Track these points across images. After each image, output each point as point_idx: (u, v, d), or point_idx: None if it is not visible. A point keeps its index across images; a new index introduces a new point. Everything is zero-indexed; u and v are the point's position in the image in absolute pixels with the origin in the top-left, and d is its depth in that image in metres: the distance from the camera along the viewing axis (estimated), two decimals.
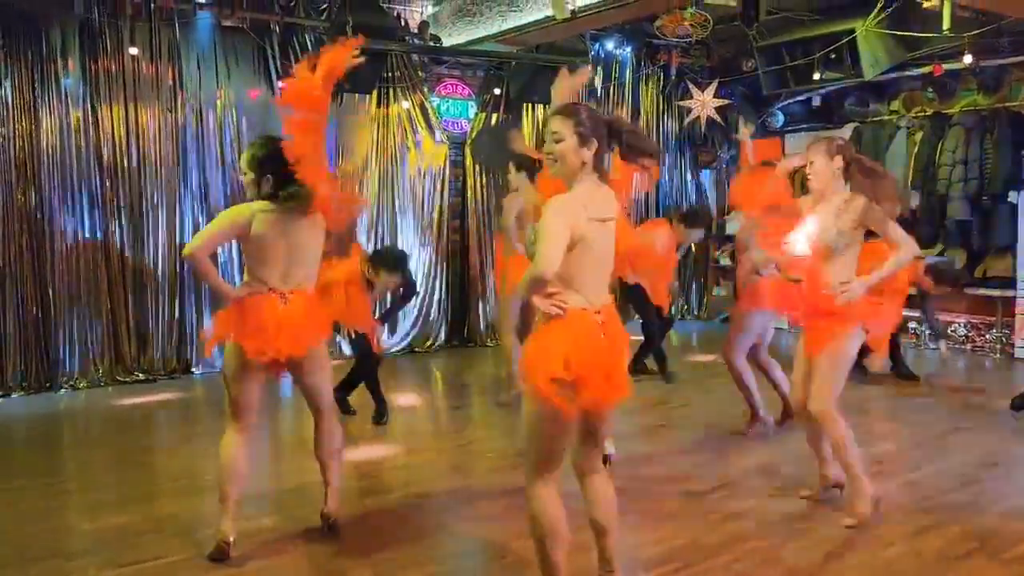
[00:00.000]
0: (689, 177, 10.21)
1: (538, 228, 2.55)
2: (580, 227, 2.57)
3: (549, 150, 2.66)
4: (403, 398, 6.36)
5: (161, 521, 3.89)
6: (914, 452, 4.84)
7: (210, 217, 7.14)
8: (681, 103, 9.73)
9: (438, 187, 8.39)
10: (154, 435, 5.70)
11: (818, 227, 3.72)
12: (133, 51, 6.71)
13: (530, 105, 8.80)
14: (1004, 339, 7.75)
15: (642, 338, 6.76)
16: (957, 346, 8.08)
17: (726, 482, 4.31)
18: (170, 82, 6.96)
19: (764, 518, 3.82)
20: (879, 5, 7.15)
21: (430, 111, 8.29)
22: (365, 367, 5.64)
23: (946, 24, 6.80)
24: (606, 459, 4.40)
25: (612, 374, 2.63)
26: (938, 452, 4.82)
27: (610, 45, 9.33)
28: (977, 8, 6.65)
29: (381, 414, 5.61)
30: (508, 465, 4.59)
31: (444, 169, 8.41)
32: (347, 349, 7.06)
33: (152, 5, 6.75)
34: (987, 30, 7.12)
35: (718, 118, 9.56)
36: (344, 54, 3.30)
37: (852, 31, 7.39)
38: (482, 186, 8.64)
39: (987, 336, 7.91)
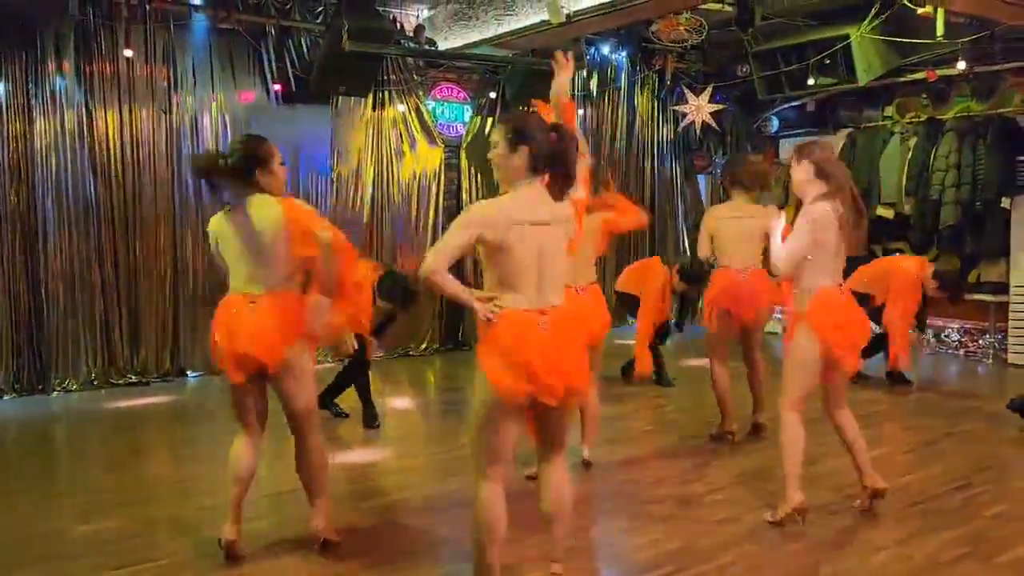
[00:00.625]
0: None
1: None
2: (496, 232, 2.63)
3: (490, 156, 2.78)
4: (397, 401, 6.36)
5: (154, 524, 3.89)
6: (906, 456, 4.85)
7: (204, 219, 7.14)
8: (676, 108, 9.75)
9: (433, 190, 8.40)
10: (147, 438, 5.69)
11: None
12: (128, 53, 6.71)
13: (526, 109, 8.81)
14: (997, 344, 7.78)
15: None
16: (950, 351, 8.11)
17: (718, 486, 4.31)
18: (165, 84, 6.96)
19: (756, 522, 3.81)
20: (873, 11, 7.18)
21: (425, 114, 8.30)
22: (354, 372, 5.62)
23: (940, 30, 6.84)
24: (587, 465, 4.44)
25: (559, 370, 2.67)
26: (930, 457, 4.83)
27: (606, 49, 9.36)
28: (970, 15, 6.69)
29: (372, 417, 5.59)
30: None
31: (439, 172, 8.42)
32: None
33: (147, 7, 6.75)
34: (980, 36, 7.16)
35: (713, 123, 9.58)
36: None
37: (846, 37, 7.42)
38: (477, 189, 8.65)
39: (980, 342, 7.94)
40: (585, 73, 9.16)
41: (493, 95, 8.63)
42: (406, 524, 3.91)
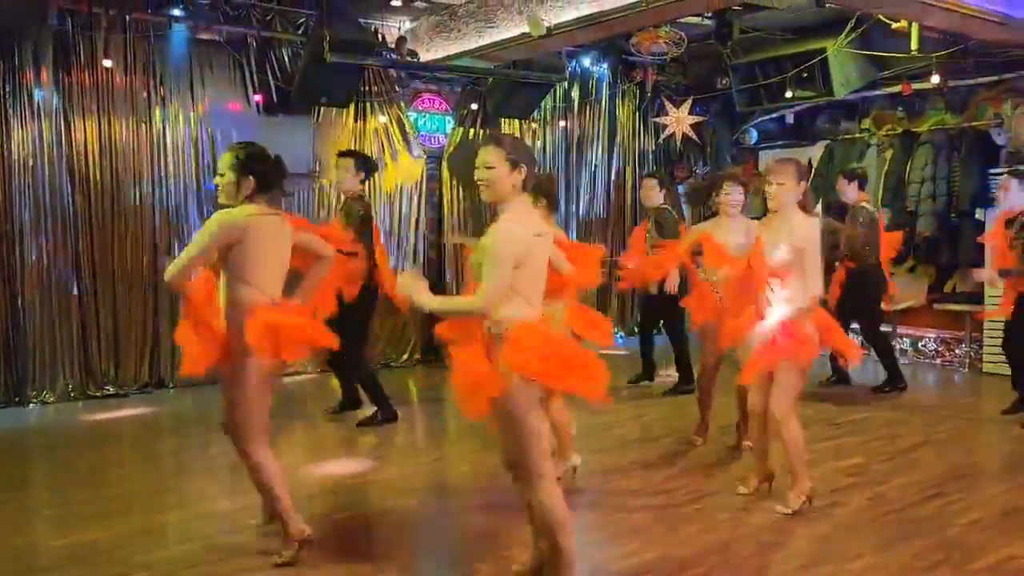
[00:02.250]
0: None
1: (486, 255, 2.77)
2: (526, 247, 2.80)
3: (480, 177, 2.87)
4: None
5: (132, 536, 3.86)
6: (884, 465, 4.89)
7: (183, 230, 7.12)
8: (657, 119, 9.83)
9: (415, 201, 8.40)
10: (125, 450, 5.64)
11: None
12: (107, 63, 6.68)
13: (507, 120, 8.86)
14: (972, 354, 7.87)
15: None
16: (927, 360, 8.20)
17: (696, 496, 4.33)
18: (145, 94, 6.93)
19: (735, 531, 3.85)
20: (849, 26, 7.30)
21: (407, 125, 8.31)
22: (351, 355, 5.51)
23: (914, 44, 6.96)
24: (574, 469, 4.46)
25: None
26: (907, 465, 4.88)
27: (586, 62, 9.42)
28: (944, 30, 6.80)
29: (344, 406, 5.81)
30: (483, 481, 4.59)
31: (421, 184, 8.43)
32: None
33: (127, 18, 6.74)
34: (954, 51, 7.29)
35: (693, 135, 9.66)
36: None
37: (823, 50, 7.53)
38: (459, 201, 8.67)
39: (956, 351, 8.03)
40: (566, 85, 9.23)
41: (475, 106, 8.67)
42: (383, 535, 3.90)
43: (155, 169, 7.02)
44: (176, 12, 6.96)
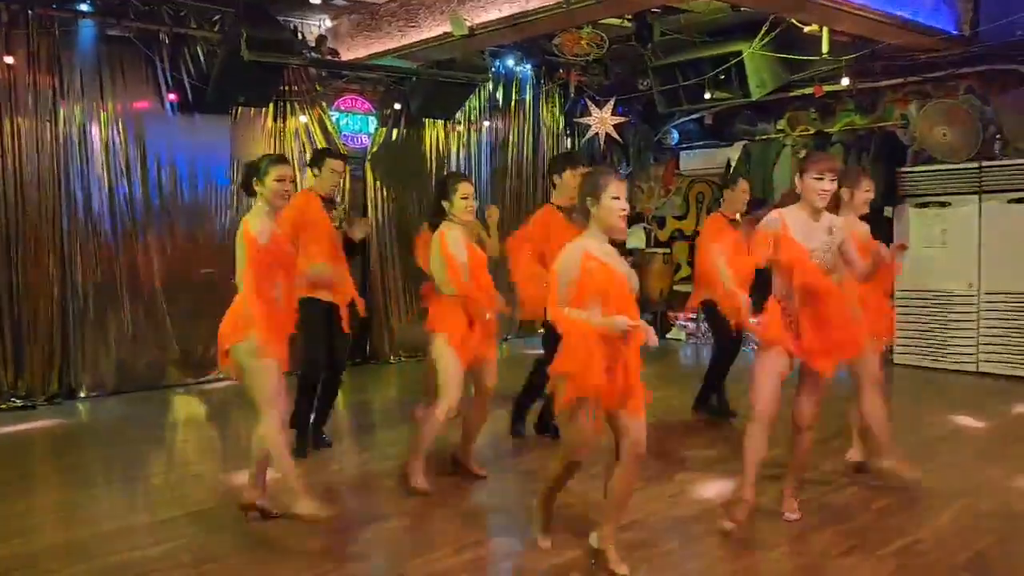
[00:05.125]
0: None
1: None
2: None
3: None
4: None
5: (42, 554, 3.69)
6: None
7: (92, 234, 6.85)
8: (580, 120, 9.92)
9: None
10: (34, 464, 5.39)
11: None
12: (8, 60, 6.38)
13: (431, 120, 8.82)
14: (884, 346, 8.15)
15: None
16: None
17: None
18: (49, 93, 6.63)
19: (656, 526, 3.91)
20: (763, 29, 7.50)
21: (329, 126, 8.18)
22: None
23: (825, 48, 7.20)
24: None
25: None
26: (821, 455, 4.99)
27: (510, 62, 9.45)
28: (854, 34, 7.05)
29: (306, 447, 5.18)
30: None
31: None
32: None
33: (30, 13, 6.45)
34: (862, 55, 7.57)
35: (616, 135, 9.78)
36: None
37: (740, 53, 7.72)
38: (383, 201, 8.59)
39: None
40: (490, 85, 9.23)
41: (398, 107, 8.59)
42: (317, 542, 3.82)
43: (61, 170, 6.73)
44: (83, 7, 6.70)
